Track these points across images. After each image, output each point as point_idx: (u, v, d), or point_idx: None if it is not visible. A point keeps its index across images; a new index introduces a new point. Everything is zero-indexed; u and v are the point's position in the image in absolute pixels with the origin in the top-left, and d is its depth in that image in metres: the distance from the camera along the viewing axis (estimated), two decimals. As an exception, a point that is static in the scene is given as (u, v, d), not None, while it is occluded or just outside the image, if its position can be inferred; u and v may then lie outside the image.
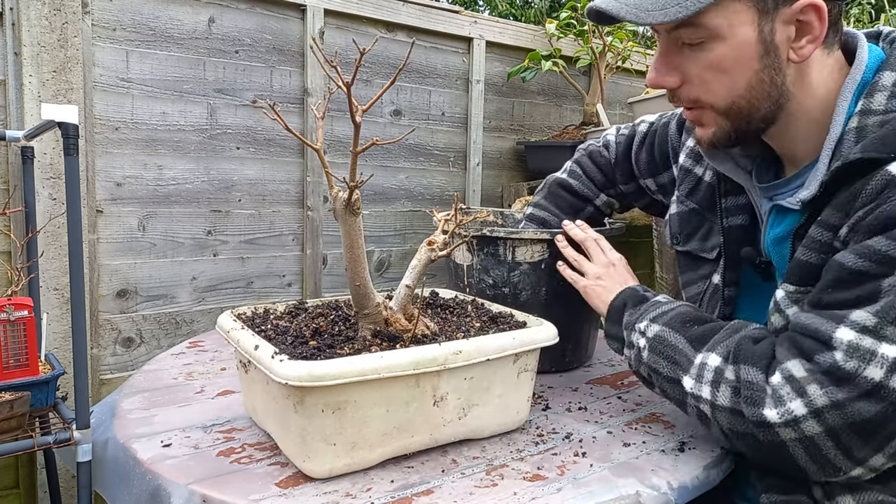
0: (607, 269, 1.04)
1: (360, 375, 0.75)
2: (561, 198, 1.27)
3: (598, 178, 1.26)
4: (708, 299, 0.96)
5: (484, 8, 5.67)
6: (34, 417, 1.11)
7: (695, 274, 1.00)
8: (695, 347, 0.81)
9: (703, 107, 0.81)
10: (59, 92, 1.46)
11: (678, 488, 0.81)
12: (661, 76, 0.81)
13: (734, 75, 0.77)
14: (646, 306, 0.92)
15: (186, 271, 1.72)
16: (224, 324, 0.93)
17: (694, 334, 0.83)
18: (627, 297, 0.96)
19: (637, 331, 0.89)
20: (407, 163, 2.09)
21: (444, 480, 0.80)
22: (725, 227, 0.92)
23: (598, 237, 1.11)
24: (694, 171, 1.01)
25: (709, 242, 0.97)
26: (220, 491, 0.76)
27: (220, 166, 1.74)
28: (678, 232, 1.03)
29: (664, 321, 0.86)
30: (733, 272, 0.93)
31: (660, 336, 0.85)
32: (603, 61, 2.21)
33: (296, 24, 1.82)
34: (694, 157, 1.01)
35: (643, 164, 1.17)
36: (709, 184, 0.98)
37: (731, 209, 0.93)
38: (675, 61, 0.80)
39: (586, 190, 1.26)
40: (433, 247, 0.92)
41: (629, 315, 0.92)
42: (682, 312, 0.87)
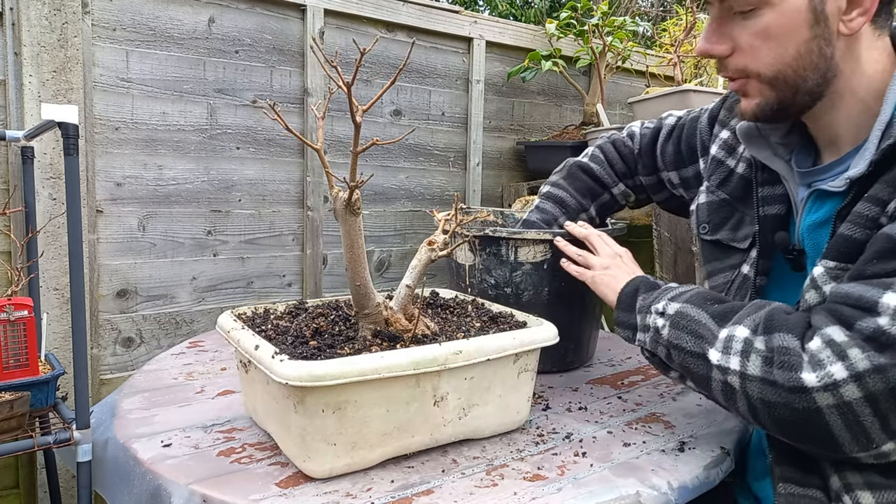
0: (614, 259, 1.04)
1: (361, 375, 0.75)
2: (580, 180, 1.27)
3: (619, 167, 1.26)
4: (736, 289, 0.95)
5: (484, 8, 5.67)
6: (34, 417, 1.11)
7: (721, 264, 0.99)
8: (718, 323, 0.80)
9: (750, 76, 0.80)
10: (59, 92, 1.46)
11: (678, 488, 0.81)
12: (712, 44, 0.81)
13: (783, 43, 0.76)
14: (660, 290, 0.91)
15: (186, 271, 1.72)
16: (224, 324, 0.93)
17: (716, 311, 0.82)
18: (639, 283, 0.96)
19: (654, 312, 0.88)
20: (407, 163, 2.09)
21: (445, 480, 0.80)
22: (761, 216, 0.92)
23: (600, 233, 1.11)
24: (726, 163, 1.00)
25: (740, 232, 0.96)
26: (221, 491, 0.76)
27: (220, 166, 1.74)
28: (707, 221, 1.02)
29: (684, 299, 0.85)
30: (766, 261, 0.92)
31: (681, 312, 0.84)
32: (603, 61, 2.21)
33: (296, 24, 1.82)
34: (727, 148, 1.01)
35: (668, 156, 1.17)
36: (741, 175, 0.97)
37: (767, 198, 0.92)
38: (726, 29, 0.80)
39: (606, 176, 1.26)
40: (433, 247, 0.92)
41: (643, 299, 0.92)
42: (700, 292, 0.87)
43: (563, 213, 1.25)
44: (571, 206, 1.25)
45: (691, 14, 2.02)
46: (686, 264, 1.94)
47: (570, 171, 1.29)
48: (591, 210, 1.28)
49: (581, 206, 1.26)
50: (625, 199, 1.29)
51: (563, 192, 1.27)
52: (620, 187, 1.26)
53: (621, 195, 1.27)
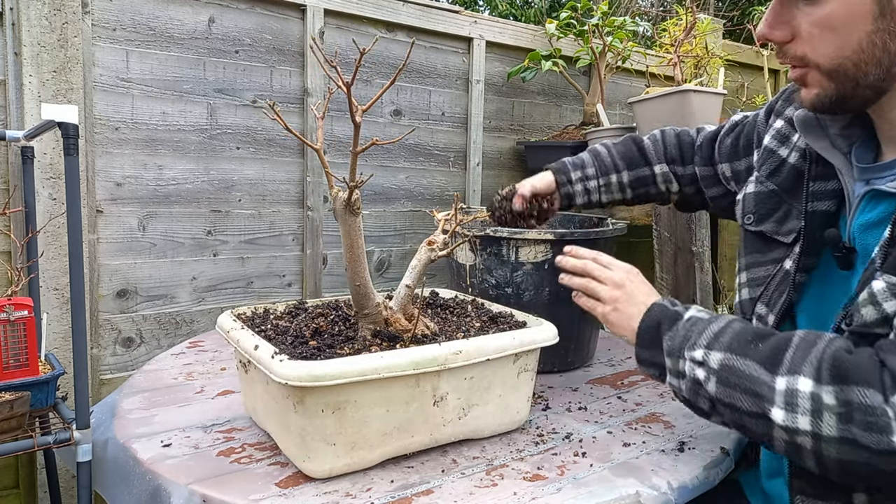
0: (620, 290, 0.93)
1: (360, 375, 0.75)
2: (626, 147, 1.24)
3: (672, 151, 1.21)
4: (777, 284, 0.90)
5: (484, 8, 5.67)
6: (34, 417, 1.11)
7: (764, 256, 0.93)
8: (770, 370, 0.71)
9: (809, 66, 0.77)
10: (59, 92, 1.46)
11: (678, 488, 0.81)
12: (771, 30, 0.77)
13: (844, 34, 0.73)
14: (686, 326, 0.82)
15: (186, 271, 1.72)
16: (224, 324, 0.93)
17: (763, 354, 0.73)
18: (657, 317, 0.86)
19: (690, 360, 0.79)
20: (407, 163, 2.09)
21: (444, 480, 0.80)
22: (809, 211, 0.87)
23: (595, 255, 1.00)
24: (778, 153, 0.96)
25: (785, 226, 0.91)
26: (220, 491, 0.76)
27: (220, 166, 1.74)
28: (753, 211, 0.97)
29: (724, 345, 0.76)
30: (809, 258, 0.87)
31: (728, 366, 0.75)
32: (603, 61, 2.21)
33: (296, 24, 1.82)
34: (779, 138, 0.96)
35: (725, 148, 1.13)
36: (793, 166, 0.92)
37: (817, 193, 0.87)
38: (787, 15, 0.76)
39: (653, 153, 1.22)
40: (433, 247, 0.92)
41: (669, 340, 0.83)
42: (737, 331, 0.78)
43: (594, 164, 1.21)
44: (606, 162, 1.21)
45: (691, 14, 2.02)
46: (686, 264, 1.94)
47: (623, 140, 1.26)
48: (624, 176, 1.22)
49: (615, 167, 1.21)
50: (665, 183, 1.22)
51: (604, 149, 1.23)
52: (664, 168, 1.21)
53: (662, 177, 1.21)
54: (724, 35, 2.94)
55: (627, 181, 1.22)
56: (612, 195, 1.22)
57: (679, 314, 0.85)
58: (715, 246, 2.66)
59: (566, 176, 1.21)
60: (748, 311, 0.91)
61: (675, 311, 0.86)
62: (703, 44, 2.08)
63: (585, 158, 1.23)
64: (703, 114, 1.79)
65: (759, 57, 2.78)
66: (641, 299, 0.91)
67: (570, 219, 1.53)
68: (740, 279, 0.96)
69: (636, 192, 1.23)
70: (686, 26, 2.02)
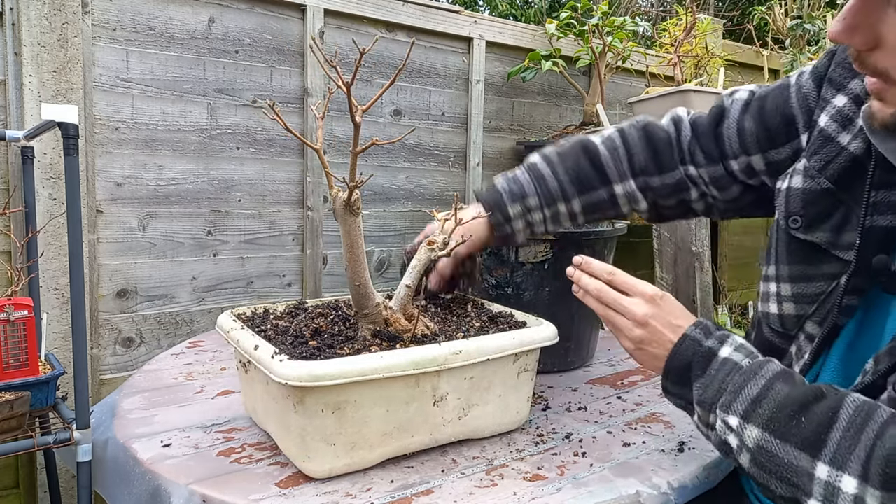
0: (644, 328, 0.78)
1: (360, 375, 0.75)
2: (577, 161, 0.99)
3: (639, 158, 0.98)
4: (831, 304, 0.77)
5: (484, 8, 5.67)
6: (34, 417, 1.11)
7: (815, 270, 0.78)
8: (812, 454, 0.62)
9: (891, 83, 0.64)
10: (59, 92, 1.46)
11: (678, 488, 0.81)
12: (849, 32, 0.63)
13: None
14: (721, 373, 0.71)
15: (186, 271, 1.72)
16: (224, 324, 0.93)
17: (805, 436, 0.63)
18: (688, 357, 0.75)
19: (723, 422, 0.70)
20: (407, 163, 2.09)
21: (444, 480, 0.80)
22: (867, 225, 0.73)
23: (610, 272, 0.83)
24: (837, 140, 0.77)
25: (843, 237, 0.76)
26: (220, 491, 0.76)
27: (220, 166, 1.74)
28: (800, 213, 0.79)
29: (763, 420, 0.66)
30: (861, 279, 0.74)
31: (765, 449, 0.65)
32: (603, 61, 2.21)
33: (296, 24, 1.82)
34: (841, 120, 0.78)
35: (749, 135, 0.89)
36: (854, 157, 0.76)
37: (880, 205, 0.73)
38: (873, 18, 0.62)
39: (612, 166, 0.98)
40: (433, 247, 0.92)
41: (701, 388, 0.72)
42: (779, 401, 0.66)
43: (537, 193, 0.99)
44: (551, 188, 0.99)
45: (691, 14, 2.02)
46: (686, 264, 1.94)
47: (572, 146, 1.02)
48: (575, 204, 1.00)
49: (563, 193, 0.99)
50: (629, 204, 1.01)
51: (546, 167, 1.00)
52: (629, 186, 0.98)
53: (625, 197, 0.99)
54: (724, 35, 2.94)
55: (580, 209, 1.01)
56: (560, 225, 1.03)
57: (713, 353, 0.73)
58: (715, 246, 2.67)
59: (502, 213, 0.99)
60: (792, 328, 0.81)
61: (707, 348, 0.74)
62: (703, 44, 2.08)
63: (524, 182, 1.00)
64: (703, 114, 1.79)
65: (759, 57, 2.78)
66: (668, 337, 0.77)
67: (570, 219, 1.53)
68: (780, 290, 0.82)
69: (590, 217, 1.03)
70: (686, 26, 2.02)
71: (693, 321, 0.78)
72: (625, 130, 1.01)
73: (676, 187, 0.98)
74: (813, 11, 2.68)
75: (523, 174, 1.02)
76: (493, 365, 0.87)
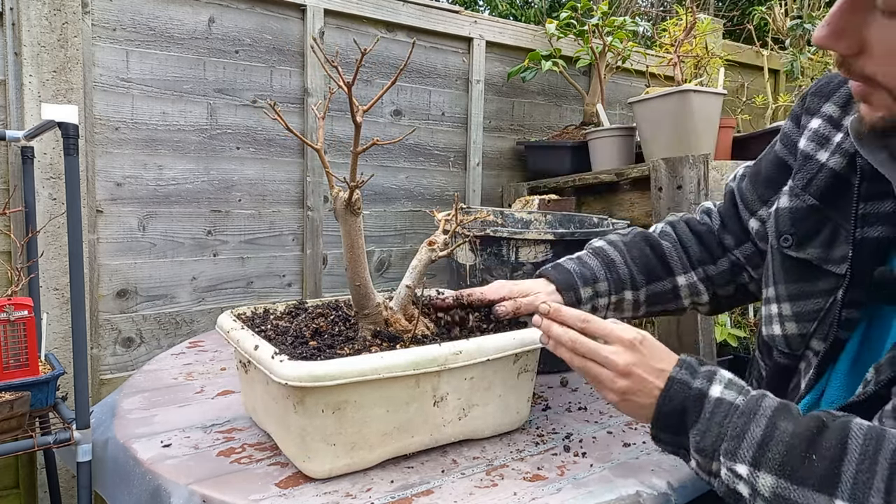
0: (628, 378, 0.74)
1: (361, 376, 0.75)
2: (643, 252, 1.00)
3: (694, 250, 1.00)
4: (832, 320, 0.77)
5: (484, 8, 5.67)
6: (34, 417, 1.11)
7: (812, 287, 0.79)
8: (830, 493, 0.60)
9: (877, 87, 0.64)
10: (59, 92, 1.46)
11: (678, 488, 0.81)
12: (834, 38, 0.62)
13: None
14: (717, 416, 0.68)
15: (186, 271, 1.72)
16: (224, 324, 0.93)
17: (820, 475, 0.61)
18: (679, 403, 0.71)
19: (732, 472, 0.66)
20: (407, 163, 2.09)
21: (444, 480, 0.80)
22: (858, 238, 0.74)
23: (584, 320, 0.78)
24: (815, 158, 0.80)
25: (835, 251, 0.76)
26: (220, 491, 0.76)
27: (220, 166, 1.74)
28: (790, 231, 0.81)
29: (775, 465, 0.63)
30: (859, 291, 0.74)
31: (781, 496, 0.62)
32: (603, 61, 2.21)
33: (296, 24, 1.82)
34: (817, 139, 0.81)
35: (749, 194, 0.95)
36: (835, 173, 0.78)
37: (869, 217, 0.73)
38: (857, 23, 0.61)
39: (675, 259, 1.00)
40: (434, 247, 0.92)
41: (699, 436, 0.69)
42: (786, 442, 0.63)
43: (607, 278, 0.98)
44: (621, 274, 0.98)
45: (691, 14, 2.02)
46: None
47: (633, 237, 1.03)
48: (641, 293, 0.99)
49: (632, 281, 0.98)
50: (691, 297, 1.01)
51: (617, 253, 1.00)
52: (692, 278, 1.00)
53: (688, 289, 1.00)
54: (724, 35, 2.95)
55: (644, 298, 1.00)
56: (622, 313, 1.01)
57: (703, 394, 0.70)
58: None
59: (576, 295, 0.96)
60: (797, 347, 0.80)
61: (698, 389, 0.71)
62: (703, 44, 2.08)
63: (594, 267, 0.99)
64: (703, 114, 1.79)
65: (759, 57, 2.78)
66: (653, 383, 0.73)
67: (569, 218, 1.53)
68: (781, 311, 0.82)
69: (650, 308, 1.01)
70: (686, 26, 2.02)
71: (676, 361, 0.74)
72: (674, 224, 1.05)
73: (732, 273, 1.00)
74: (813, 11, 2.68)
75: (591, 258, 1.01)
76: (493, 365, 0.87)
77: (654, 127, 1.87)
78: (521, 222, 1.57)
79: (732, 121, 1.99)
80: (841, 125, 0.79)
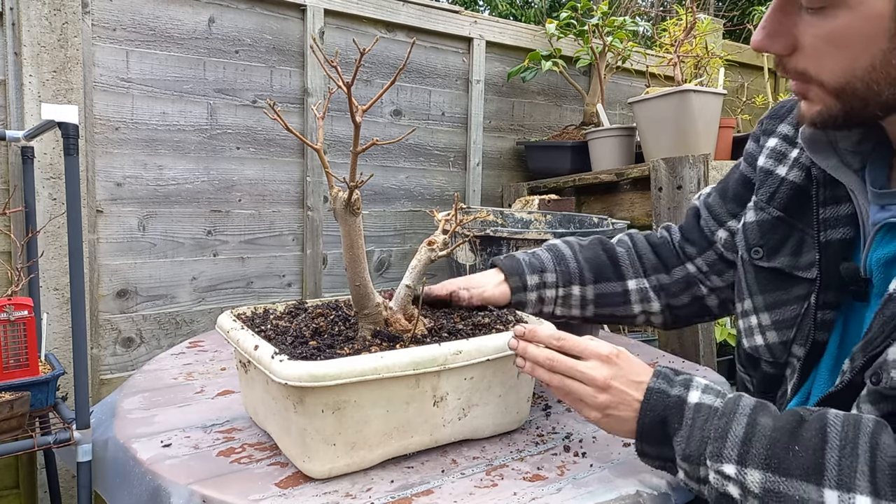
0: (607, 392, 0.75)
1: (360, 375, 0.75)
2: (596, 254, 1.04)
3: (648, 258, 1.05)
4: (809, 324, 0.80)
5: (484, 8, 5.67)
6: (34, 417, 1.11)
7: (787, 294, 0.82)
8: (816, 481, 0.61)
9: (811, 81, 0.68)
10: (59, 92, 1.46)
11: (678, 488, 0.81)
12: (770, 40, 0.68)
13: (855, 53, 0.63)
14: (699, 421, 0.69)
15: (186, 271, 1.72)
16: (224, 324, 0.92)
17: (805, 465, 0.62)
18: (660, 412, 0.72)
19: (720, 474, 0.66)
20: (407, 163, 2.09)
21: (444, 480, 0.80)
22: (822, 241, 0.77)
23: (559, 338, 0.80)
24: (775, 173, 0.85)
25: (803, 258, 0.80)
26: (220, 491, 0.76)
27: (220, 166, 1.74)
28: (759, 244, 0.85)
29: (761, 460, 0.64)
30: (831, 293, 0.77)
31: (771, 490, 0.63)
32: (603, 61, 2.21)
33: (296, 24, 1.82)
34: (775, 156, 0.87)
35: (718, 208, 0.99)
36: (795, 185, 0.83)
37: (830, 220, 0.77)
38: (789, 24, 0.67)
39: (627, 263, 1.04)
40: (433, 247, 0.92)
41: (683, 443, 0.70)
42: (768, 436, 0.65)
43: (555, 270, 1.02)
44: (570, 268, 1.02)
45: (691, 14, 2.02)
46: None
47: (590, 241, 1.08)
48: (588, 290, 1.03)
49: (579, 277, 1.02)
50: (642, 303, 1.04)
51: (568, 249, 1.05)
52: (641, 283, 1.03)
53: (637, 294, 1.03)
54: (724, 35, 2.95)
55: (592, 296, 1.03)
56: (569, 310, 1.03)
57: (682, 400, 0.72)
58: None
59: (521, 280, 1.01)
60: (780, 355, 0.82)
61: (676, 396, 0.72)
62: (703, 44, 2.08)
63: (545, 259, 1.03)
64: (703, 114, 1.79)
65: (759, 57, 2.78)
66: (632, 395, 0.74)
67: (569, 218, 1.53)
68: (760, 321, 0.84)
69: (600, 309, 1.04)
70: (686, 26, 2.02)
71: (652, 372, 0.76)
72: (632, 235, 1.10)
73: (686, 283, 1.03)
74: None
75: (543, 252, 1.05)
76: (493, 365, 0.87)
77: (654, 127, 1.87)
78: (521, 222, 1.57)
79: (732, 121, 2.00)
80: (796, 142, 0.84)
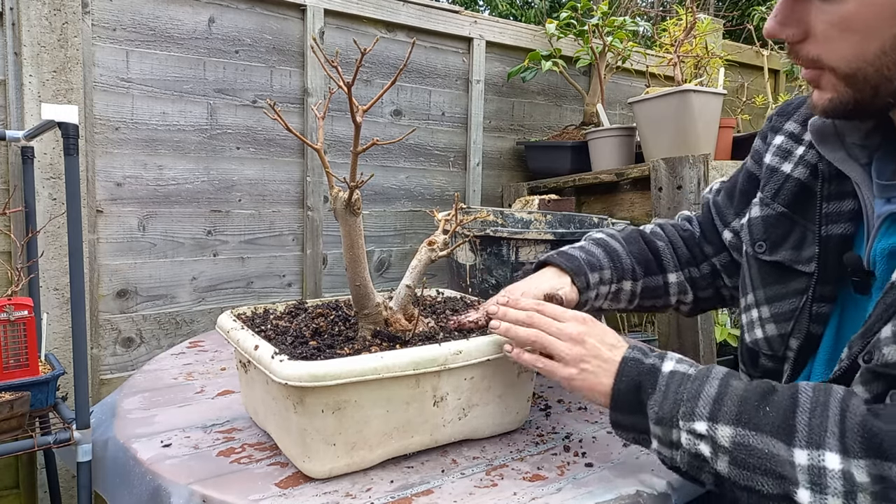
0: (581, 345, 0.79)
1: (360, 375, 0.75)
2: (640, 248, 1.05)
3: (682, 251, 1.06)
4: (805, 317, 0.81)
5: (484, 8, 5.67)
6: (34, 417, 1.11)
7: (785, 288, 0.84)
8: (787, 440, 0.62)
9: (823, 68, 0.69)
10: (59, 92, 1.46)
11: (678, 488, 0.81)
12: (781, 27, 0.69)
13: (866, 37, 0.64)
14: (672, 385, 0.72)
15: (186, 271, 1.72)
16: (224, 324, 0.93)
17: (775, 423, 0.64)
18: (635, 377, 0.74)
19: (688, 431, 0.68)
20: (407, 163, 2.09)
21: (444, 480, 0.80)
22: (823, 235, 0.79)
23: (538, 304, 0.85)
24: (781, 170, 0.87)
25: (804, 252, 0.82)
26: (220, 491, 0.76)
27: (220, 166, 1.74)
28: (763, 238, 0.86)
29: (732, 416, 0.66)
30: (828, 286, 0.79)
31: (743, 444, 0.65)
32: (603, 61, 2.21)
33: (296, 24, 1.82)
34: (781, 153, 0.88)
35: (724, 207, 1.01)
36: (800, 182, 0.84)
37: (832, 216, 0.79)
38: (801, 11, 0.68)
39: (668, 257, 1.05)
40: (433, 247, 0.92)
41: (657, 405, 0.72)
42: (740, 395, 0.68)
43: (611, 266, 1.01)
44: (624, 264, 1.02)
45: (691, 14, 2.02)
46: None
47: (630, 235, 1.08)
48: (638, 285, 1.03)
49: (631, 273, 1.02)
50: (678, 294, 1.06)
51: (619, 245, 1.04)
52: (680, 276, 1.05)
53: (677, 287, 1.05)
54: (724, 35, 2.95)
55: (640, 290, 1.04)
56: (618, 304, 1.05)
57: (656, 368, 0.74)
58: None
59: (585, 280, 0.98)
60: (779, 349, 0.83)
61: (650, 364, 0.75)
62: (703, 44, 2.08)
63: (600, 256, 1.02)
64: (702, 114, 1.79)
65: (759, 57, 2.78)
66: (607, 354, 0.77)
67: (569, 218, 1.53)
68: (760, 314, 0.86)
69: (644, 302, 1.06)
70: (686, 26, 2.02)
71: (627, 345, 0.79)
72: (663, 227, 1.10)
73: (712, 277, 1.05)
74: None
75: (594, 247, 1.04)
76: (493, 365, 0.87)
77: (654, 127, 1.87)
78: (521, 222, 1.57)
79: (732, 121, 2.00)
80: (802, 140, 0.86)
